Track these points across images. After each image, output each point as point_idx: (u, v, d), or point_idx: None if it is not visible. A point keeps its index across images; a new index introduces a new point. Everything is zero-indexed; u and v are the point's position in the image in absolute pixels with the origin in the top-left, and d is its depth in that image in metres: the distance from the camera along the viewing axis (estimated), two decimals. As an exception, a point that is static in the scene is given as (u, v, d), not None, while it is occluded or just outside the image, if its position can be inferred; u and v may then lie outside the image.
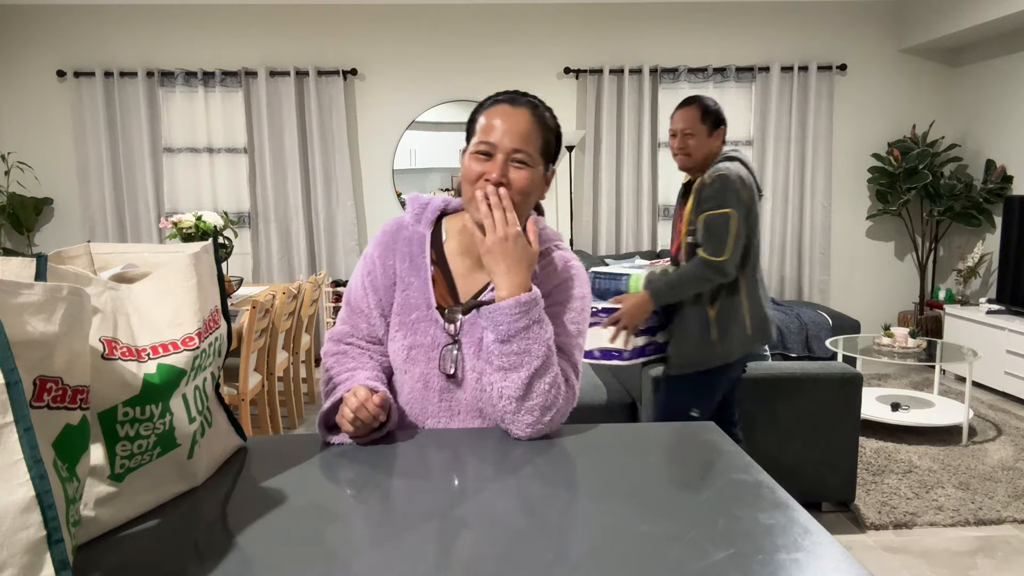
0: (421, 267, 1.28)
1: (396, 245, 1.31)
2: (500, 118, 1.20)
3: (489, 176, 1.18)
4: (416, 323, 1.26)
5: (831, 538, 0.83)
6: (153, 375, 0.89)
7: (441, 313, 1.26)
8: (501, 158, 1.18)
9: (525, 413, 1.17)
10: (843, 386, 2.80)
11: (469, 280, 1.29)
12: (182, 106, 5.34)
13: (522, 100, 1.23)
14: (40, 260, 0.80)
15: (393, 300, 1.30)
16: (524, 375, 1.16)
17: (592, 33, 5.48)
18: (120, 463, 0.87)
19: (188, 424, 0.95)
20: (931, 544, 2.67)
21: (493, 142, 1.18)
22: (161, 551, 0.82)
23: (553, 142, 1.26)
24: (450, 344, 1.25)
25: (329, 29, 5.37)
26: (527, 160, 1.19)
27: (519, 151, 1.19)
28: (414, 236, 1.31)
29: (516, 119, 1.20)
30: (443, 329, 1.25)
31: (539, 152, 1.22)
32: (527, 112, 1.21)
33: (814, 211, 5.56)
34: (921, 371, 5.17)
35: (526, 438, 1.18)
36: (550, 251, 1.32)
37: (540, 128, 1.22)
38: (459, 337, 1.25)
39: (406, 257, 1.30)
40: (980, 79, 5.34)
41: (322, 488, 0.99)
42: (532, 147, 1.20)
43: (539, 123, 1.22)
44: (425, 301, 1.26)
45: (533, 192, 1.22)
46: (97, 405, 0.84)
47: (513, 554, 0.80)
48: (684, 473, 1.03)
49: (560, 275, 1.30)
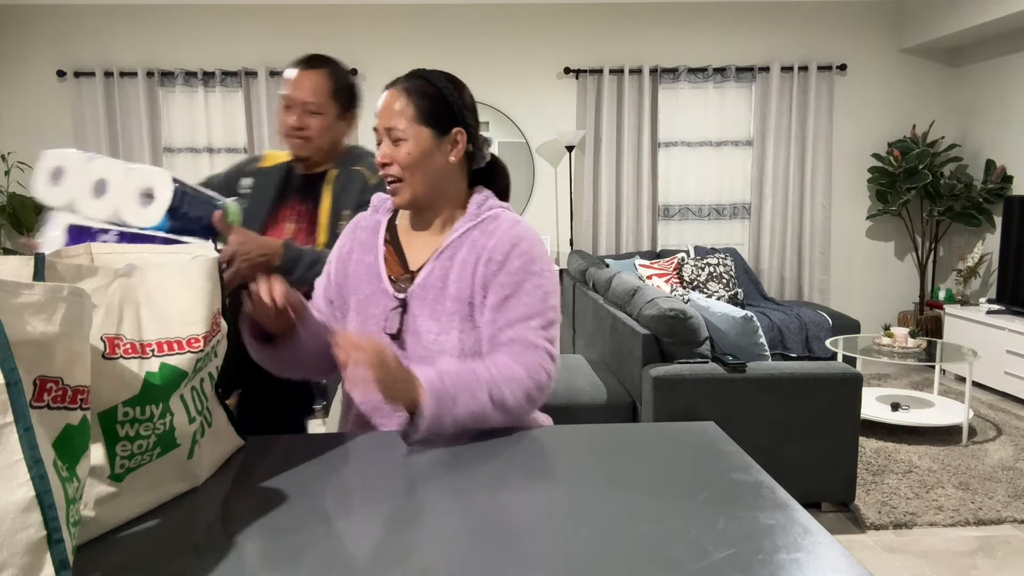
0: (373, 247, 1.38)
1: (355, 234, 1.43)
2: (380, 103, 1.33)
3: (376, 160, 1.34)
4: (369, 297, 1.35)
5: (831, 538, 0.83)
6: (155, 374, 0.89)
7: (393, 284, 1.34)
8: (385, 140, 1.32)
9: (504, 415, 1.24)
10: (843, 386, 2.80)
11: (419, 250, 1.37)
12: (182, 106, 5.34)
13: (398, 79, 1.32)
14: (38, 258, 0.80)
15: (344, 289, 1.40)
16: (484, 420, 1.21)
17: (592, 33, 5.48)
18: (120, 463, 0.88)
19: (188, 424, 0.95)
20: (931, 544, 2.67)
21: (375, 127, 1.35)
22: (161, 551, 0.82)
23: (434, 105, 1.30)
24: (395, 307, 1.32)
25: (329, 29, 5.37)
26: (401, 135, 1.29)
27: (391, 128, 1.30)
28: (370, 224, 1.43)
29: (388, 100, 1.31)
30: (393, 297, 1.33)
31: (415, 121, 1.29)
32: (397, 89, 1.31)
33: (814, 211, 5.56)
34: (921, 371, 5.17)
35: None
36: (496, 216, 1.35)
37: (412, 98, 1.29)
38: (408, 300, 1.31)
39: (362, 243, 1.41)
40: (980, 79, 5.34)
41: (322, 488, 0.99)
42: (403, 120, 1.29)
43: (409, 94, 1.29)
44: (376, 275, 1.35)
45: (420, 161, 1.29)
46: (97, 405, 0.84)
47: (513, 554, 0.80)
48: (684, 473, 1.03)
49: (505, 249, 1.30)
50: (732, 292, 5.05)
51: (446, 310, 1.29)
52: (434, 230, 1.37)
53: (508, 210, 1.38)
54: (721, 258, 5.15)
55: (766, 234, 5.58)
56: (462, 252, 1.31)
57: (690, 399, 2.78)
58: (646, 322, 2.95)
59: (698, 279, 5.03)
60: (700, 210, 5.64)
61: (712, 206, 5.64)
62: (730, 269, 5.12)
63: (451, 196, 1.36)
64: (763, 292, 5.36)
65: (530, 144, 5.52)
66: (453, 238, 1.33)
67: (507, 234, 1.31)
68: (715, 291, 5.02)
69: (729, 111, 5.55)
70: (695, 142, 5.57)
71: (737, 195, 5.64)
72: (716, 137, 5.56)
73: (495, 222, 1.33)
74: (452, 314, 1.29)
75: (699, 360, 2.88)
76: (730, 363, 2.80)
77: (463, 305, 1.29)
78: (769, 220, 5.57)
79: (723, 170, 5.60)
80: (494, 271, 1.29)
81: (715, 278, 5.06)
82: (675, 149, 5.56)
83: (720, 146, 5.58)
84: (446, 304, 1.29)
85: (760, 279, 5.58)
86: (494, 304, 1.28)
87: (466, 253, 1.31)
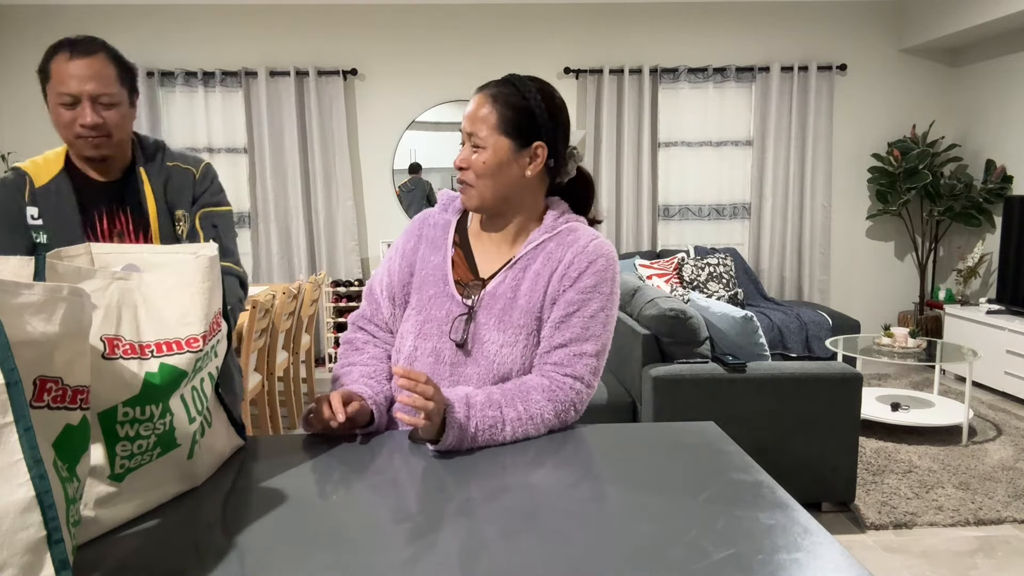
0: (442, 247, 1.35)
1: (422, 231, 1.39)
2: (469, 106, 1.29)
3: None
4: (433, 298, 1.32)
5: (831, 538, 0.83)
6: (154, 375, 0.89)
7: (460, 289, 1.31)
8: (467, 144, 1.29)
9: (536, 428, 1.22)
10: (843, 386, 2.80)
11: (490, 257, 1.34)
12: (182, 106, 5.34)
13: (489, 84, 1.29)
14: (39, 258, 0.80)
15: (408, 287, 1.36)
16: (510, 434, 1.19)
17: (592, 33, 5.48)
18: (120, 463, 0.87)
19: (188, 424, 0.95)
20: (931, 544, 2.67)
21: (461, 129, 1.31)
22: (161, 551, 0.82)
23: (518, 116, 1.27)
24: (463, 314, 1.29)
25: (329, 29, 5.37)
26: (480, 142, 1.26)
27: (472, 134, 1.26)
28: (439, 221, 1.39)
29: (475, 104, 1.28)
30: (459, 303, 1.30)
31: (496, 131, 1.26)
32: (485, 95, 1.27)
33: (814, 211, 5.56)
34: (921, 371, 5.17)
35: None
36: (574, 229, 1.32)
37: (497, 107, 1.26)
38: (475, 308, 1.28)
39: (430, 241, 1.37)
40: (980, 79, 5.34)
41: (322, 488, 0.99)
42: (485, 128, 1.26)
43: (495, 101, 1.26)
44: (443, 278, 1.32)
45: (495, 172, 1.26)
46: (97, 405, 0.84)
47: (513, 554, 0.80)
48: (684, 473, 1.03)
49: (582, 266, 1.27)
50: (732, 292, 5.05)
51: (514, 322, 1.26)
52: (506, 238, 1.34)
53: (585, 223, 1.35)
54: (721, 258, 5.15)
55: (766, 234, 5.58)
56: (536, 264, 1.28)
57: (690, 399, 2.78)
58: (646, 322, 2.95)
59: (698, 279, 5.03)
60: (700, 210, 5.64)
61: (712, 206, 5.64)
62: (730, 269, 5.12)
63: (526, 206, 1.33)
64: (763, 292, 5.36)
65: (530, 144, 5.52)
66: (528, 249, 1.30)
67: (585, 249, 1.27)
68: (715, 291, 5.02)
69: (729, 111, 5.55)
70: (695, 142, 5.57)
71: (737, 195, 5.64)
72: (716, 137, 5.56)
73: (572, 235, 1.30)
74: (520, 327, 1.26)
75: (699, 360, 2.88)
76: (730, 363, 2.80)
77: (531, 319, 1.27)
78: (769, 220, 5.57)
79: (723, 170, 5.60)
80: (567, 287, 1.26)
81: (715, 278, 5.06)
82: (675, 149, 5.56)
83: (720, 146, 5.58)
84: (514, 316, 1.27)
85: (760, 279, 5.58)
86: (557, 319, 1.26)
87: (540, 265, 1.28)
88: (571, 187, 1.40)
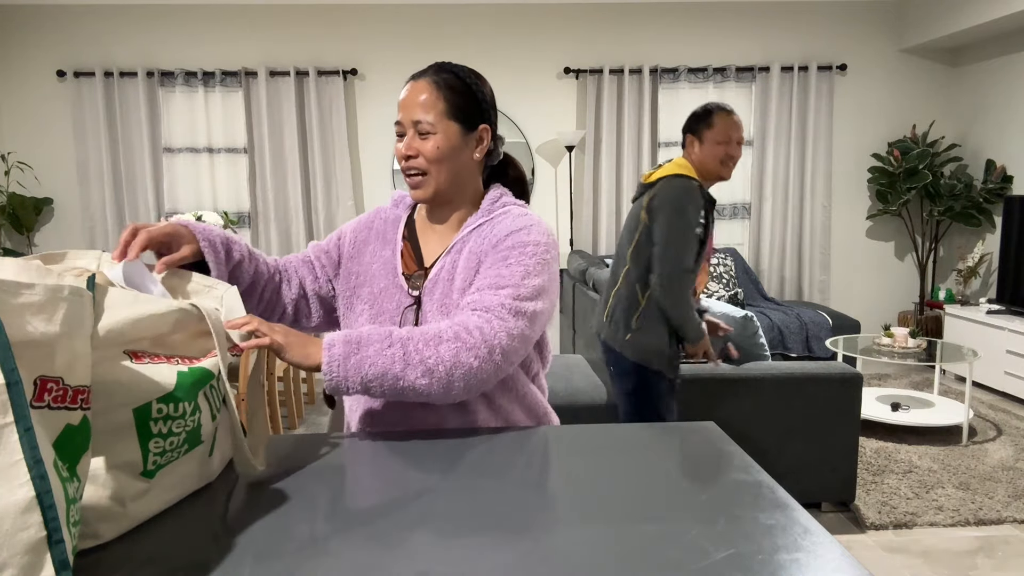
0: (392, 241, 1.38)
1: (373, 224, 1.43)
2: (404, 94, 1.29)
3: (399, 152, 1.30)
4: (384, 291, 1.34)
5: (831, 538, 0.83)
6: (185, 373, 0.91)
7: (408, 281, 1.33)
8: (410, 132, 1.28)
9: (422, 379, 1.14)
10: (843, 386, 2.80)
11: (435, 247, 1.36)
12: (182, 106, 5.34)
13: (425, 71, 1.29)
14: (90, 279, 0.79)
15: (339, 262, 1.40)
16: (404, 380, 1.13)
17: (592, 33, 5.48)
18: (152, 460, 0.88)
19: (211, 421, 0.96)
20: (931, 544, 2.67)
21: (399, 120, 1.29)
22: (161, 550, 0.82)
23: (463, 101, 1.28)
24: (410, 305, 1.31)
25: (329, 29, 5.37)
26: (430, 128, 1.26)
27: (418, 121, 1.26)
28: (390, 217, 1.43)
29: (414, 92, 1.27)
30: (407, 295, 1.32)
31: (444, 116, 1.26)
32: (425, 82, 1.27)
33: (814, 211, 5.56)
34: (921, 371, 5.17)
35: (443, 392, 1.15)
36: (509, 212, 1.33)
37: (442, 92, 1.27)
38: (421, 297, 1.31)
39: (380, 235, 1.40)
40: (980, 79, 5.34)
41: (322, 487, 0.99)
42: (433, 114, 1.26)
43: (438, 88, 1.27)
44: (392, 270, 1.35)
45: (448, 156, 1.28)
46: (132, 401, 0.85)
47: (512, 554, 0.80)
48: (684, 473, 1.03)
49: (504, 233, 1.28)
50: (732, 292, 5.05)
51: (455, 304, 1.27)
52: (450, 226, 1.36)
53: (523, 208, 1.35)
54: (721, 258, 5.15)
55: (766, 234, 5.58)
56: (470, 244, 1.30)
57: (690, 399, 2.78)
58: (646, 322, 2.95)
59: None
60: (700, 210, 5.63)
61: (712, 206, 5.63)
62: (730, 269, 5.13)
63: (469, 192, 1.36)
64: (763, 292, 5.36)
65: (530, 144, 5.52)
66: (464, 233, 1.32)
67: (514, 223, 1.29)
68: (715, 291, 5.02)
69: (729, 111, 5.54)
70: (695, 142, 5.56)
71: (737, 195, 5.64)
72: (716, 137, 5.56)
73: (505, 216, 1.32)
74: (460, 308, 1.27)
75: (699, 360, 2.88)
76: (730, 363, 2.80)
77: None
78: (769, 220, 5.57)
79: (723, 170, 5.59)
80: (487, 251, 1.27)
81: (715, 278, 5.06)
82: (675, 149, 5.56)
83: (720, 146, 5.57)
84: (454, 298, 1.28)
85: (760, 279, 5.58)
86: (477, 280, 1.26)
87: (473, 244, 1.30)
88: (500, 175, 1.43)
